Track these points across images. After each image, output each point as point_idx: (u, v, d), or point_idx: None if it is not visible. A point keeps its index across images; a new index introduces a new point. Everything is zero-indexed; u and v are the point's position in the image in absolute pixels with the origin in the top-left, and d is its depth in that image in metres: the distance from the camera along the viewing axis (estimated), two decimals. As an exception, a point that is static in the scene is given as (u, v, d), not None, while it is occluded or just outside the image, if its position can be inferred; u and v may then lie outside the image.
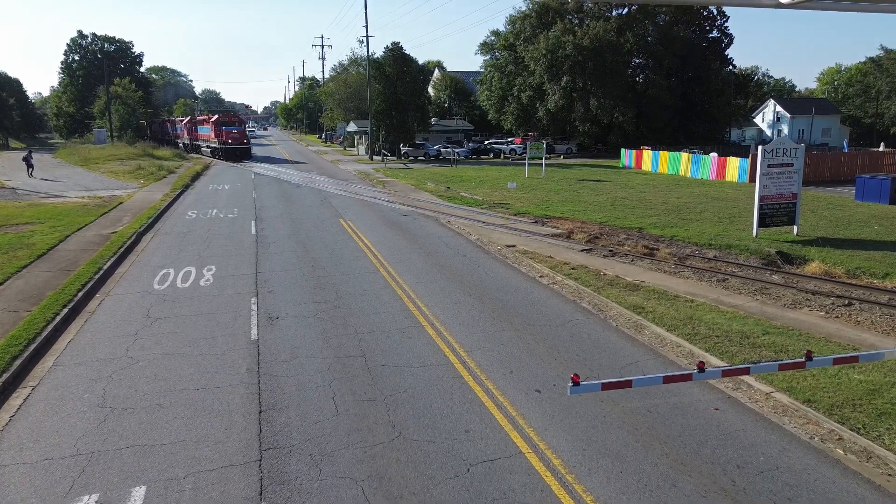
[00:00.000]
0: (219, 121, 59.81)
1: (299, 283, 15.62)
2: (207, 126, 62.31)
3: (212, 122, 60.76)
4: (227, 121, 60.49)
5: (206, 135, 63.08)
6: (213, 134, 59.49)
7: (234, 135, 58.08)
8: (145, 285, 15.61)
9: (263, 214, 26.66)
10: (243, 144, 58.74)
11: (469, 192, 34.05)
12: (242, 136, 59.05)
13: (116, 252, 18.53)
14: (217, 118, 60.72)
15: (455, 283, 15.68)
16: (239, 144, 58.04)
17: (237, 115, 68.67)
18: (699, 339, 11.48)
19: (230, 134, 57.92)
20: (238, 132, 58.86)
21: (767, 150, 21.75)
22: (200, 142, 65.98)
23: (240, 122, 62.88)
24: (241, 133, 59.35)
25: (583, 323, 12.74)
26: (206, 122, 64.50)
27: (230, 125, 59.39)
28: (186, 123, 72.88)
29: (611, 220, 24.60)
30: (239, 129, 59.73)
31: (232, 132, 58.16)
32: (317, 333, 12.12)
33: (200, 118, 70.24)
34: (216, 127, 58.90)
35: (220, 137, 57.87)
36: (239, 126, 60.62)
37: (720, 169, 40.94)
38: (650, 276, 16.24)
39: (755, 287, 15.28)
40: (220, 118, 60.67)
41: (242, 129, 60.64)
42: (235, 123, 60.81)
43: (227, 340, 11.80)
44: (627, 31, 63.91)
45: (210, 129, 60.61)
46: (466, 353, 11.10)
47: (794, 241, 21.06)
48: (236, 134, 58.42)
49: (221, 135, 57.72)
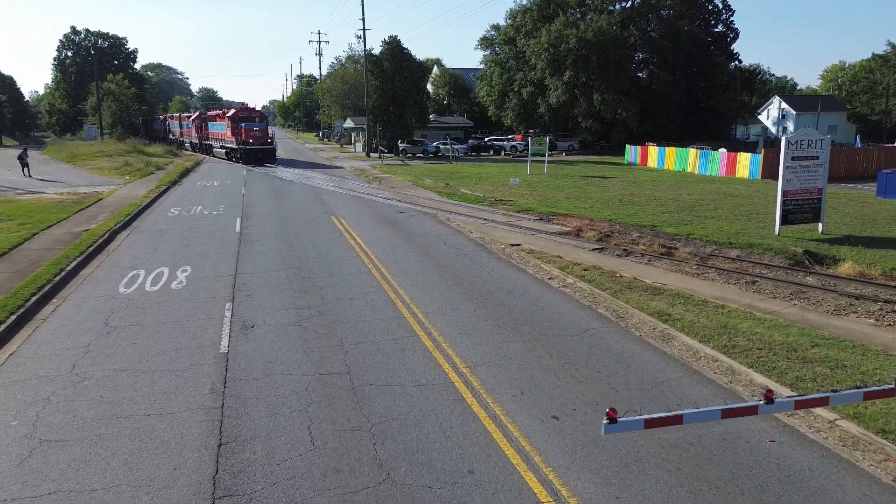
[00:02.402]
0: (237, 116, 50.62)
1: (282, 286, 14.02)
2: (222, 123, 53.30)
3: (228, 117, 51.40)
4: (246, 116, 51.27)
5: (220, 133, 54.44)
6: (230, 132, 50.49)
7: (255, 133, 49.18)
8: (110, 288, 14.00)
9: (251, 211, 25.05)
10: (267, 144, 49.70)
11: (469, 188, 32.45)
12: (265, 135, 50.01)
13: (84, 251, 16.93)
14: (234, 113, 51.41)
15: (455, 286, 14.10)
16: (262, 144, 49.11)
17: (258, 110, 58.21)
18: (738, 353, 9.89)
19: (251, 132, 48.93)
20: (260, 130, 49.84)
21: (791, 141, 20.15)
22: (213, 141, 57.12)
23: (261, 118, 52.99)
24: (264, 131, 50.29)
25: (601, 332, 11.15)
26: (220, 118, 54.87)
27: (250, 121, 50.30)
28: (194, 120, 63.88)
29: (621, 218, 23.02)
30: (261, 126, 50.57)
31: (253, 130, 49.19)
32: (296, 345, 10.53)
33: (212, 114, 60.07)
34: (233, 124, 49.91)
35: (239, 136, 49.05)
36: (261, 122, 51.41)
37: (730, 165, 39.38)
38: (671, 277, 14.66)
39: (790, 290, 13.70)
40: (237, 113, 51.45)
41: (265, 127, 51.28)
42: (256, 119, 51.49)
43: (192, 354, 10.20)
44: (631, 24, 62.31)
45: (226, 127, 51.66)
46: (469, 369, 9.52)
47: (821, 240, 19.48)
48: (258, 132, 49.44)
49: (240, 133, 48.94)
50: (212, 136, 57.24)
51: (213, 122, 57.26)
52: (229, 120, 50.69)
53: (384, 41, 58.29)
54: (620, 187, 32.89)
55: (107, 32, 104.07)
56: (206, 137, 59.30)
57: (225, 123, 51.80)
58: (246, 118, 50.51)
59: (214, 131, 56.19)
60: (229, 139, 51.13)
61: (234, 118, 50.16)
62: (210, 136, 57.70)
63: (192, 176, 41.11)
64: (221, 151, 54.20)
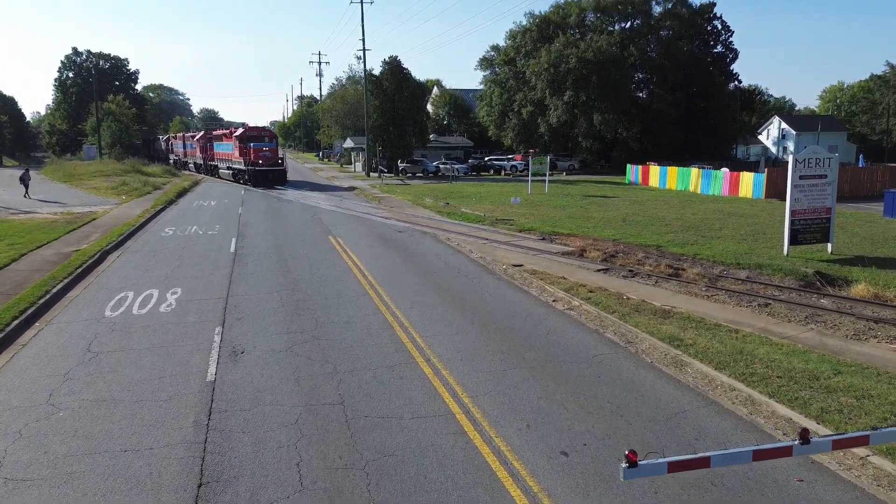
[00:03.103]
0: (245, 136, 47.80)
1: (275, 309, 13.45)
2: (229, 142, 50.39)
3: (235, 136, 48.71)
4: (255, 135, 48.55)
5: (226, 153, 51.50)
6: (238, 152, 47.41)
7: (264, 153, 46.16)
8: (95, 312, 13.43)
9: (247, 231, 24.54)
10: (277, 166, 46.75)
11: (470, 207, 32.00)
12: (275, 156, 47.14)
13: (72, 273, 16.38)
14: (242, 132, 48.74)
15: (456, 309, 13.53)
16: (272, 166, 46.13)
17: (267, 129, 55.70)
18: (757, 381, 9.30)
19: (260, 153, 45.89)
20: (270, 150, 46.94)
21: (799, 159, 19.70)
22: (218, 162, 54.36)
23: (271, 137, 50.29)
24: (274, 151, 47.41)
25: (610, 358, 10.56)
26: (226, 137, 52.20)
27: (259, 141, 47.51)
28: (199, 140, 61.28)
29: (625, 237, 22.51)
30: (271, 145, 47.87)
31: (262, 150, 46.17)
32: (288, 372, 9.94)
33: (218, 133, 57.50)
34: (241, 143, 46.92)
35: (248, 157, 45.92)
36: (270, 142, 48.68)
37: (733, 184, 38.99)
38: (680, 300, 14.09)
39: (805, 313, 13.13)
40: (245, 132, 48.75)
41: (275, 147, 48.57)
42: (266, 139, 48.77)
43: (176, 382, 9.61)
44: (630, 44, 62.45)
45: (233, 147, 48.67)
46: (470, 398, 8.92)
47: (831, 260, 18.94)
48: (267, 152, 46.46)
49: (249, 153, 45.82)
50: (217, 157, 54.81)
51: (218, 141, 54.76)
52: (237, 139, 47.97)
53: (384, 61, 58.36)
54: (623, 207, 32.45)
55: (108, 54, 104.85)
56: (211, 158, 56.92)
57: (232, 143, 49.12)
58: (255, 137, 47.89)
59: (220, 151, 53.70)
60: (237, 160, 48.26)
61: (243, 137, 47.48)
62: (215, 156, 55.32)
63: (189, 196, 40.70)
64: (228, 173, 51.56)
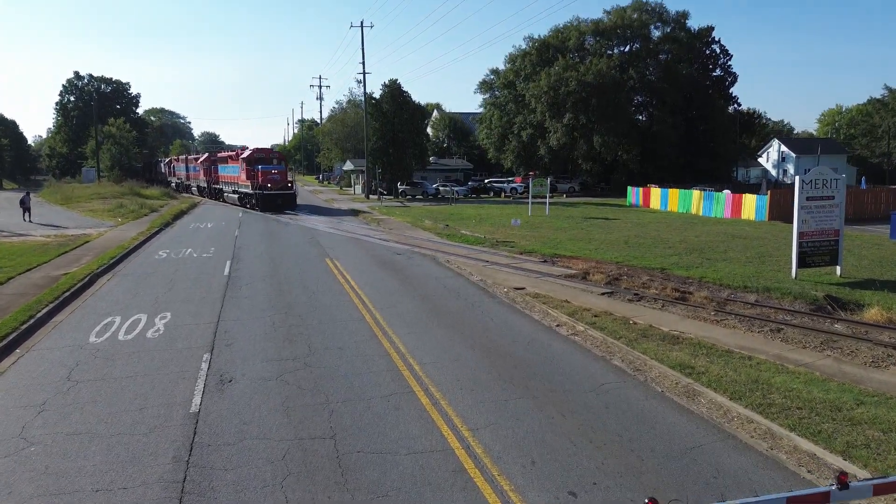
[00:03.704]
0: (252, 157, 45.32)
1: (266, 335, 12.91)
2: (235, 165, 47.98)
3: (242, 159, 46.16)
4: (263, 157, 45.98)
5: (232, 176, 49.16)
6: (245, 175, 45.32)
7: (273, 176, 43.67)
8: (80, 338, 12.88)
9: (242, 254, 24.06)
10: (287, 189, 44.16)
11: (470, 229, 31.57)
12: (284, 179, 44.67)
13: (59, 296, 15.86)
14: (250, 154, 46.00)
15: (455, 334, 12.98)
16: (281, 189, 43.55)
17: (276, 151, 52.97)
18: (776, 413, 8.74)
19: (268, 175, 43.45)
20: (279, 173, 44.45)
21: (806, 180, 19.30)
22: (223, 185, 52.04)
23: (280, 159, 48.24)
24: (283, 174, 44.94)
25: (619, 387, 10.00)
26: (232, 159, 49.68)
27: (267, 163, 45.07)
28: (203, 162, 58.87)
29: (628, 260, 22.03)
30: (279, 168, 45.46)
31: (271, 173, 43.76)
32: (277, 403, 9.37)
33: (223, 155, 55.12)
34: (248, 166, 44.71)
35: (255, 179, 43.56)
36: (279, 164, 46.37)
37: (735, 207, 38.62)
38: (689, 325, 13.56)
39: (819, 339, 12.58)
40: (253, 154, 46.06)
41: (284, 170, 46.11)
42: (274, 161, 46.51)
43: (158, 413, 9.05)
44: (630, 68, 62.65)
45: (240, 170, 46.36)
46: (471, 432, 8.35)
47: (840, 283, 18.43)
48: (276, 175, 43.97)
49: (257, 176, 43.45)
50: (222, 180, 52.49)
51: (223, 164, 52.56)
52: (244, 162, 45.65)
53: (384, 84, 58.52)
54: (625, 229, 32.02)
55: (110, 78, 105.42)
56: (215, 181, 54.78)
57: (238, 166, 46.76)
58: (263, 160, 45.52)
59: (226, 174, 51.37)
60: (243, 183, 46.06)
61: (250, 160, 45.17)
62: (220, 179, 53.16)
63: (186, 218, 40.31)
64: (234, 196, 48.82)
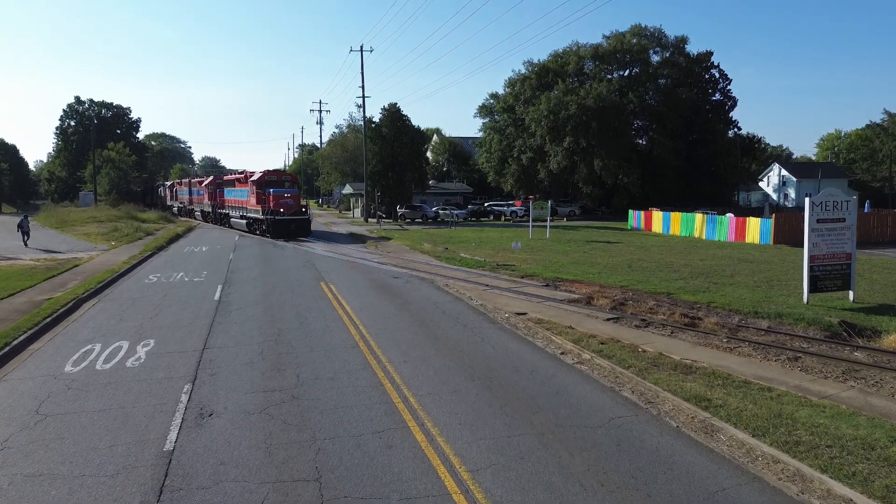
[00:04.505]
0: (263, 180, 41.86)
1: (253, 364, 12.16)
2: (243, 188, 44.72)
3: (252, 182, 42.69)
4: (274, 180, 42.43)
5: (239, 200, 45.83)
6: (255, 199, 41.90)
7: (286, 200, 39.89)
8: (55, 367, 12.14)
9: (235, 277, 23.37)
10: (301, 214, 40.40)
11: (469, 252, 30.93)
12: (297, 203, 41.00)
13: (39, 322, 15.14)
14: (260, 177, 42.43)
15: (454, 363, 12.24)
16: (294, 214, 39.81)
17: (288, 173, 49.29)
18: (805, 452, 7.98)
19: (281, 199, 39.74)
20: (292, 197, 40.82)
21: (816, 202, 18.71)
22: (230, 210, 48.65)
23: (292, 182, 44.64)
24: (296, 198, 41.38)
25: (630, 423, 9.24)
26: (240, 182, 46.33)
27: (279, 186, 41.54)
28: (207, 185, 55.55)
29: (632, 284, 21.35)
30: (292, 191, 41.98)
31: (284, 197, 40.03)
32: (259, 440, 8.61)
33: (230, 178, 51.44)
34: (259, 189, 41.35)
35: (266, 204, 40.12)
36: (292, 187, 42.96)
37: (739, 230, 38.06)
38: (701, 353, 12.82)
39: (840, 368, 11.84)
40: (264, 177, 42.44)
41: (297, 193, 42.85)
42: (286, 184, 42.87)
43: (129, 451, 8.28)
44: (630, 92, 62.63)
45: (249, 193, 43.11)
46: (470, 474, 7.58)
47: (854, 309, 17.72)
48: (289, 199, 40.21)
49: (268, 200, 39.99)
50: (228, 204, 49.26)
51: (230, 187, 49.33)
52: (254, 185, 42.30)
53: (383, 108, 58.45)
54: (628, 252, 31.39)
55: (111, 102, 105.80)
56: (220, 205, 51.65)
57: (248, 189, 43.49)
58: (274, 182, 42.06)
59: (233, 198, 48.12)
60: (253, 207, 42.57)
61: (260, 182, 41.77)
62: (226, 203, 49.93)
63: (181, 241, 39.68)
64: (242, 222, 45.30)
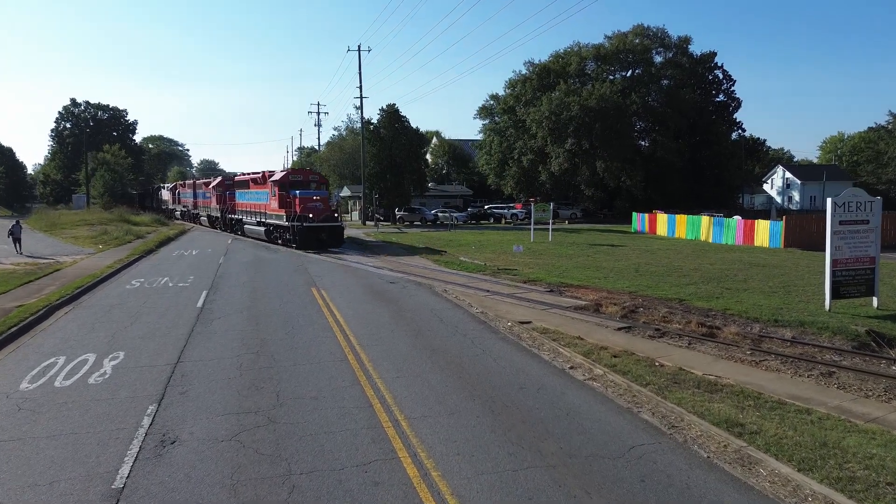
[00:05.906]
0: (286, 180, 35.49)
1: (229, 380, 10.97)
2: (261, 190, 38.19)
3: (273, 182, 36.11)
4: (299, 180, 35.72)
5: (256, 204, 39.31)
6: (278, 202, 35.23)
7: (315, 204, 33.85)
8: (10, 383, 10.93)
9: (222, 283, 22.19)
10: (333, 220, 34.29)
11: (469, 256, 29.76)
12: (327, 207, 35.11)
13: (4, 332, 13.97)
14: (283, 176, 36.31)
15: (452, 379, 11.05)
16: (326, 221, 33.65)
17: (316, 172, 43.52)
18: (862, 491, 6.79)
19: (309, 203, 33.60)
20: (321, 200, 34.76)
21: (838, 203, 17.52)
22: (243, 215, 42.04)
23: (320, 183, 37.51)
24: (326, 202, 35.43)
25: (654, 452, 8.04)
26: (256, 183, 39.37)
27: (306, 187, 35.00)
28: (215, 187, 49.02)
29: (641, 290, 20.17)
30: (321, 193, 35.91)
31: (312, 200, 33.96)
32: (225, 474, 7.41)
33: (242, 179, 43.48)
34: (282, 191, 34.85)
35: (291, 208, 33.61)
36: (320, 189, 36.43)
37: (747, 233, 36.90)
38: (725, 367, 11.63)
39: (881, 385, 10.68)
40: (287, 175, 36.45)
41: (326, 195, 37.00)
42: (313, 185, 35.96)
43: (72, 489, 7.08)
44: (632, 93, 61.54)
45: (269, 195, 36.72)
46: (470, 519, 6.40)
47: (880, 317, 16.57)
48: (318, 203, 34.22)
49: (293, 204, 33.53)
50: (241, 208, 42.67)
51: (243, 189, 42.32)
52: (275, 185, 35.68)
53: (382, 109, 57.38)
54: (634, 256, 30.23)
55: (107, 104, 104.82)
56: (231, 210, 45.22)
57: (267, 191, 37.02)
58: (300, 183, 35.30)
59: (247, 202, 41.49)
60: (273, 212, 36.05)
61: (284, 183, 35.20)
62: (238, 207, 43.35)
63: (171, 245, 38.50)
64: (258, 230, 38.73)
